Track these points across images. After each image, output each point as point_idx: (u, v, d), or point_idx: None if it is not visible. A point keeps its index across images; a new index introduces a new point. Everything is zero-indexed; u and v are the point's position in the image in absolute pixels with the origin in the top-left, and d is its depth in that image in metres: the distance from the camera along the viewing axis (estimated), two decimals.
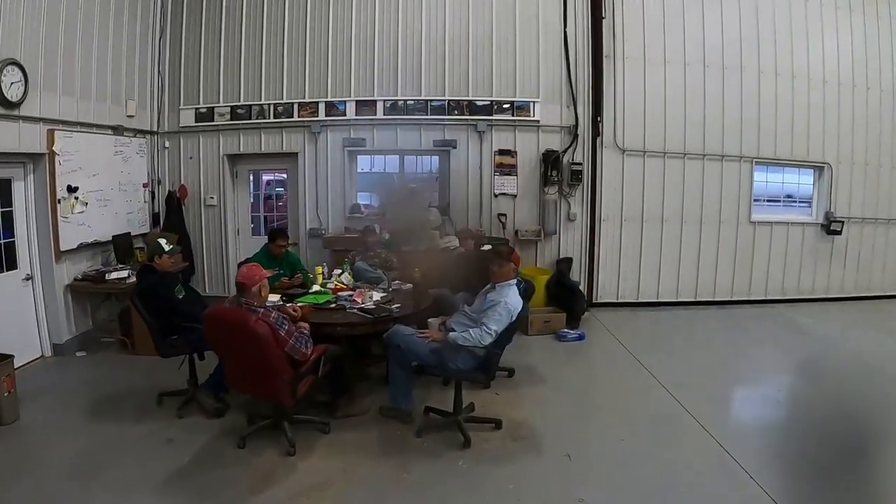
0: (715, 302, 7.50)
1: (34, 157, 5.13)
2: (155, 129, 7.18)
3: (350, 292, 4.63)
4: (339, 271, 5.21)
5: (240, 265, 5.10)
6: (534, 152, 6.97)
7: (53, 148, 5.14)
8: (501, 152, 6.92)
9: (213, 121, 7.10)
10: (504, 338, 3.71)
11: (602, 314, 6.98)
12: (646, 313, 7.13)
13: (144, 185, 6.91)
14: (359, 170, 7.33)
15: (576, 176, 6.90)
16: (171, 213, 7.11)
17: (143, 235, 6.88)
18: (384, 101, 6.82)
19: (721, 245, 7.46)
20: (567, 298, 6.47)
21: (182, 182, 7.27)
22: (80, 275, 5.63)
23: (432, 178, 7.19)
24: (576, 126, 6.90)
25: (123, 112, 6.60)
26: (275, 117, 6.98)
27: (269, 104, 6.98)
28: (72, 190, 5.36)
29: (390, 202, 6.68)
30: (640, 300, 7.38)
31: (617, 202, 7.16)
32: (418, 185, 7.05)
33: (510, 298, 3.70)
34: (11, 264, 5.03)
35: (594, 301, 7.26)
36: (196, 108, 7.12)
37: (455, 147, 6.88)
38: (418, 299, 4.67)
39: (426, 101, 6.80)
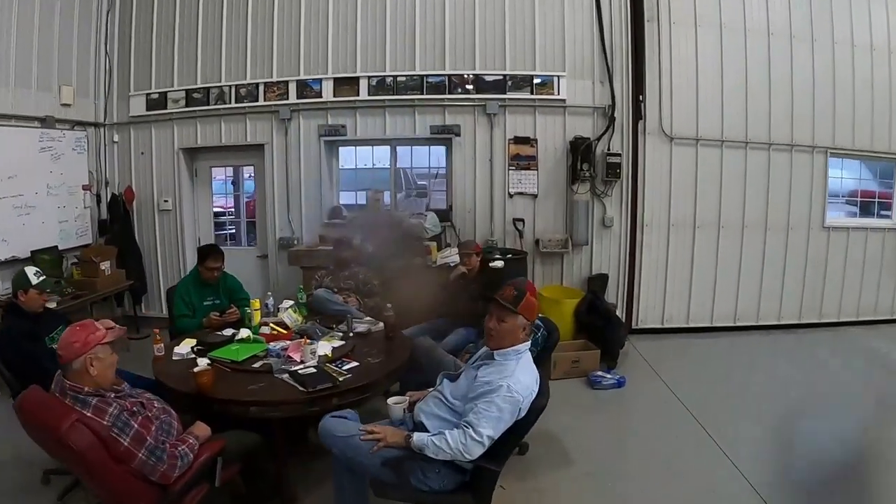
0: (780, 326, 5.91)
1: None
2: (101, 120, 5.98)
3: (286, 342, 3.19)
4: (290, 304, 3.82)
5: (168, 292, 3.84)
6: (559, 140, 5.49)
7: None
8: (518, 140, 5.47)
9: (165, 108, 5.85)
10: (505, 447, 2.26)
11: (644, 344, 5.45)
12: (697, 343, 5.58)
13: (85, 188, 5.69)
14: (341, 165, 5.96)
15: (612, 170, 5.40)
16: (115, 220, 5.88)
17: (85, 247, 5.67)
18: (368, 77, 5.45)
19: (789, 256, 5.87)
20: (601, 328, 4.98)
21: (129, 183, 6.04)
22: None
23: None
24: (612, 107, 5.40)
25: (56, 100, 5.42)
26: (237, 101, 5.69)
27: (229, 86, 5.69)
28: None
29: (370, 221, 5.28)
30: (691, 325, 5.82)
31: (663, 203, 5.63)
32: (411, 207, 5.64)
33: (518, 379, 2.22)
34: None
35: (634, 327, 5.74)
36: (147, 95, 5.88)
37: (458, 134, 5.46)
38: (393, 351, 3.25)
39: (421, 76, 5.40)
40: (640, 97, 5.43)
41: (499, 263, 4.76)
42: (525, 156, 5.48)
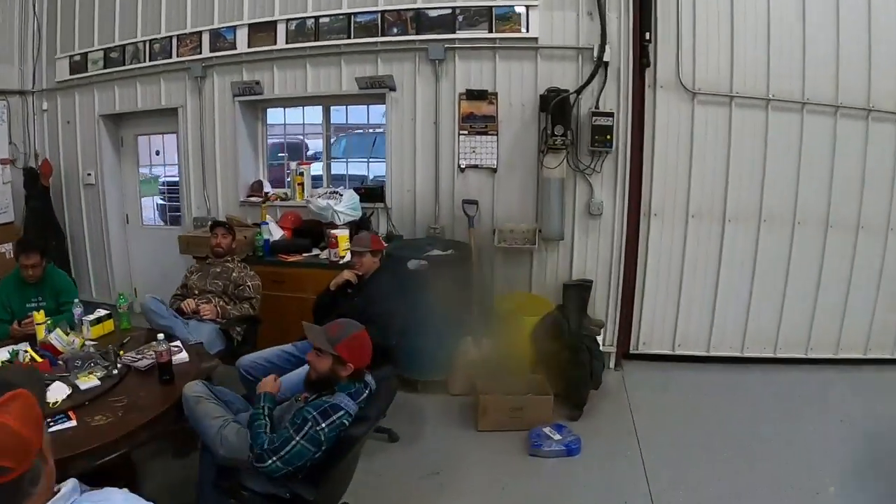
0: (840, 360, 4.05)
1: None
2: (29, 87, 5.37)
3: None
4: (102, 314, 3.03)
5: None
6: (528, 94, 4.05)
7: None
8: (471, 95, 4.09)
9: (86, 71, 5.11)
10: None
11: (641, 376, 3.92)
12: (720, 378, 3.96)
13: (4, 162, 5.08)
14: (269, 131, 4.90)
15: (602, 136, 3.86)
16: (32, 196, 5.21)
17: (7, 225, 5.06)
18: (287, 21, 4.33)
19: (857, 265, 3.98)
20: (569, 364, 3.48)
21: (56, 155, 5.38)
22: None
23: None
24: (602, 48, 3.86)
25: None
26: (150, 59, 4.81)
27: (144, 41, 4.82)
28: None
29: None
30: (713, 353, 4.13)
31: (680, 185, 4.00)
32: None
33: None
34: None
35: (631, 352, 4.14)
36: (70, 57, 5.18)
37: (393, 88, 4.18)
38: (153, 406, 2.24)
39: (348, 15, 4.20)
40: (647, 35, 3.85)
41: (416, 264, 3.46)
42: (481, 115, 4.09)
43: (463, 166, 4.16)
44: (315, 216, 4.15)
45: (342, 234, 3.88)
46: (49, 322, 2.86)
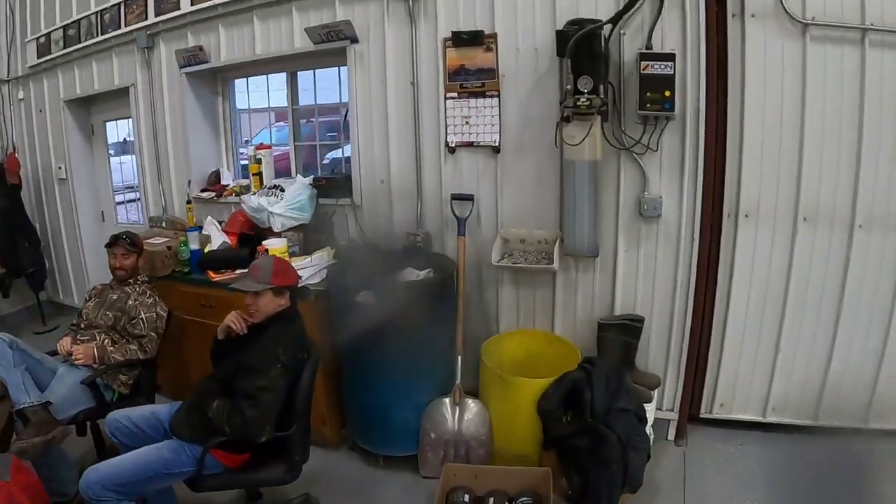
0: None
1: None
2: (4, 75, 4.85)
3: None
4: None
5: None
6: (543, 33, 2.68)
7: None
8: (460, 41, 2.81)
9: (50, 52, 4.46)
10: None
11: (712, 452, 2.63)
12: (835, 457, 2.30)
13: None
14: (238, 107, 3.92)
15: (657, 92, 2.44)
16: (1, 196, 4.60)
17: None
18: None
19: None
20: (590, 457, 2.15)
21: (26, 149, 4.83)
22: None
23: None
24: None
25: None
26: (102, 33, 4.03)
27: (95, 13, 4.04)
28: None
29: None
30: (823, 422, 2.60)
31: (784, 171, 2.46)
32: None
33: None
34: None
35: (701, 415, 2.68)
36: (37, 39, 4.56)
37: (356, 41, 3.01)
38: None
39: None
40: None
41: (364, 298, 2.33)
42: (475, 69, 2.81)
43: (452, 145, 2.90)
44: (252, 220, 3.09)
45: (275, 245, 2.82)
46: None
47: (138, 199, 4.49)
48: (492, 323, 2.92)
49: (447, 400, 2.58)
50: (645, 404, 2.46)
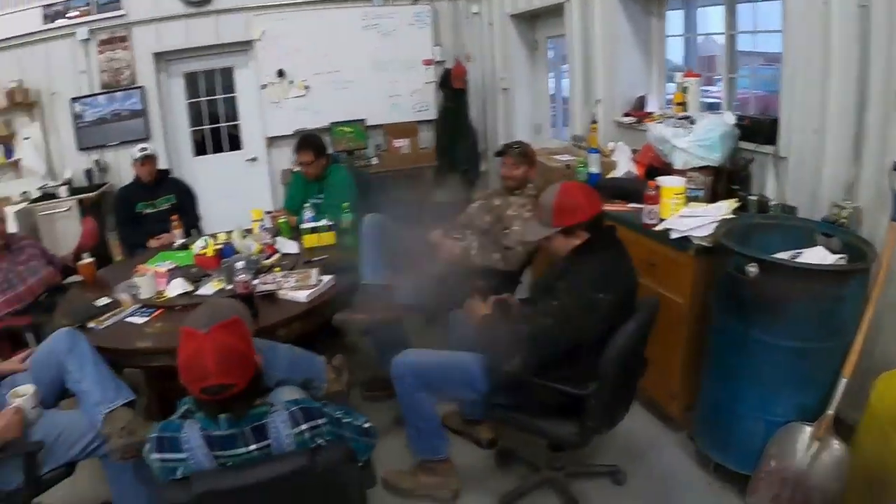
0: None
1: (243, 45, 5.17)
2: None
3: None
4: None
5: None
6: None
7: (254, 34, 5.04)
8: None
9: None
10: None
11: None
12: None
13: (427, 63, 5.69)
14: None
15: None
16: (446, 98, 5.58)
17: (428, 123, 5.72)
18: None
19: None
20: None
21: (477, 59, 5.63)
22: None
23: None
24: None
25: None
26: None
27: None
28: (281, 74, 5.07)
29: None
30: None
31: None
32: None
33: None
34: (237, 146, 5.48)
35: None
36: None
37: None
38: None
39: None
40: None
41: (752, 271, 2.03)
42: None
43: None
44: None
45: (670, 184, 2.63)
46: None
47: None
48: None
49: (808, 429, 2.00)
50: None
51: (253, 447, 1.33)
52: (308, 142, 3.38)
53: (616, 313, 1.85)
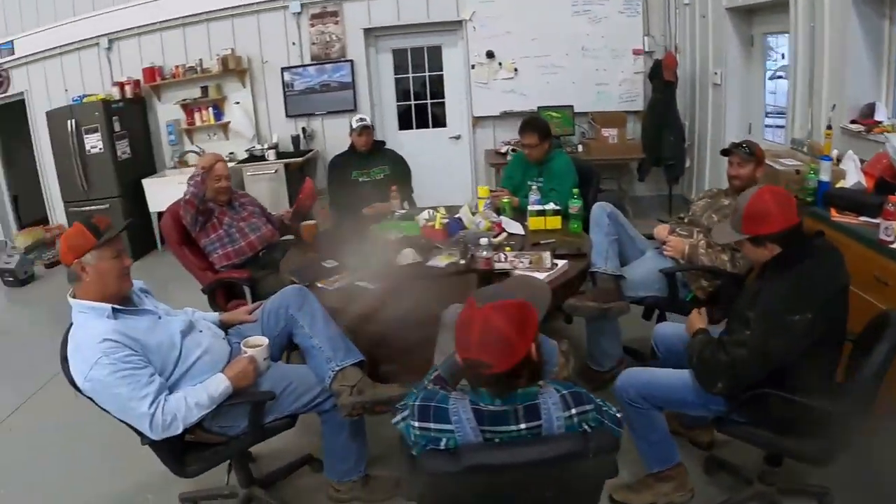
0: None
1: (453, 25, 5.41)
2: None
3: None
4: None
5: None
6: None
7: (464, 14, 5.25)
8: None
9: None
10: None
11: None
12: None
13: (637, 52, 5.62)
14: None
15: None
16: (655, 89, 5.40)
17: (635, 114, 5.68)
18: None
19: None
20: None
21: (687, 51, 5.41)
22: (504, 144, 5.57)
23: None
24: None
25: None
26: None
27: None
28: (491, 55, 5.33)
29: None
30: None
31: None
32: None
33: None
34: (441, 123, 5.82)
35: None
36: None
37: None
38: None
39: None
40: None
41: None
42: None
43: None
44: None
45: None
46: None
47: (783, 126, 4.41)
48: None
49: None
50: None
51: (523, 426, 1.30)
52: (533, 124, 3.36)
53: (821, 326, 1.73)
